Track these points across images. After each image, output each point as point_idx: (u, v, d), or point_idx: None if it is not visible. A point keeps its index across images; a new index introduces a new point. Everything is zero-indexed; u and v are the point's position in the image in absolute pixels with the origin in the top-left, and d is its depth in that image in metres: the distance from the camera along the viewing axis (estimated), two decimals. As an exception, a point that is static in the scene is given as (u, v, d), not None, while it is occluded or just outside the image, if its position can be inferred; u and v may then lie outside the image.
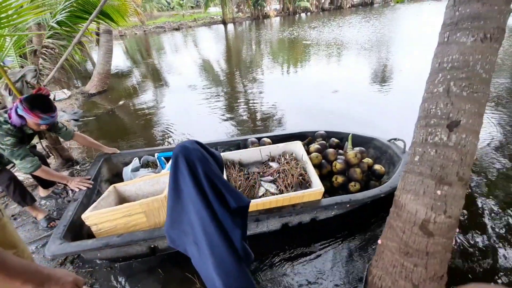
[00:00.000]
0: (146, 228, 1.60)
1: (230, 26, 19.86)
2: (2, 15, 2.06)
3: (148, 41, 15.76)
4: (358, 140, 2.50)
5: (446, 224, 1.19)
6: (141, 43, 15.37)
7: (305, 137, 2.56)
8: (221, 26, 20.18)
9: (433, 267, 1.24)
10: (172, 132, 3.82)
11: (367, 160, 2.23)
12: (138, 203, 1.53)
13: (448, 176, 1.15)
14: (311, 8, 26.02)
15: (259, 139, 2.52)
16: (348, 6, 28.07)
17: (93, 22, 2.58)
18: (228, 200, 1.07)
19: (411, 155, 1.29)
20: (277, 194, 1.70)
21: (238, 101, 4.97)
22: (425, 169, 1.20)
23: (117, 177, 2.38)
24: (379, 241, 1.41)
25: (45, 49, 2.49)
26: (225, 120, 4.12)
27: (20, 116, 1.62)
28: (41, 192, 2.48)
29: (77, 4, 2.57)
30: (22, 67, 2.55)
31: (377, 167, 2.15)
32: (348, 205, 1.80)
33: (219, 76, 6.89)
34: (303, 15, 23.74)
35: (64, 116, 4.53)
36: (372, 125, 3.54)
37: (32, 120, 1.63)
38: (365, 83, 5.29)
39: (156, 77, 7.37)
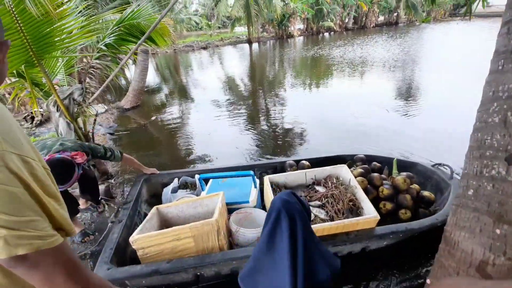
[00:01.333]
0: (194, 254, 1.56)
1: (255, 45, 20.48)
2: (56, 39, 2.26)
3: (177, 59, 16.55)
4: (400, 165, 2.38)
5: (506, 266, 1.07)
6: (171, 61, 16.16)
7: (344, 161, 2.48)
8: (246, 45, 20.87)
9: None
10: (196, 149, 3.91)
11: (415, 186, 2.11)
12: (188, 226, 1.51)
13: (508, 214, 1.04)
14: (334, 28, 26.35)
15: (297, 162, 2.48)
16: (372, 25, 28.16)
17: (134, 43, 2.75)
18: (317, 269, 1.03)
19: (464, 187, 1.19)
20: (328, 221, 1.63)
21: (261, 117, 5.01)
22: (481, 205, 1.10)
23: (155, 198, 2.40)
24: (428, 281, 1.29)
25: (92, 69, 2.66)
26: (248, 136, 4.16)
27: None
28: (80, 203, 2.57)
29: (124, 28, 2.77)
30: (70, 85, 2.73)
31: (426, 193, 2.03)
32: (401, 235, 1.69)
33: (242, 92, 7.04)
34: (326, 34, 24.08)
35: (100, 130, 4.78)
36: (400, 147, 3.40)
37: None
38: (391, 102, 5.16)
39: (184, 93, 7.67)
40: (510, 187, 1.04)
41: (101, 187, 2.93)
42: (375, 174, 2.16)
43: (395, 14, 29.80)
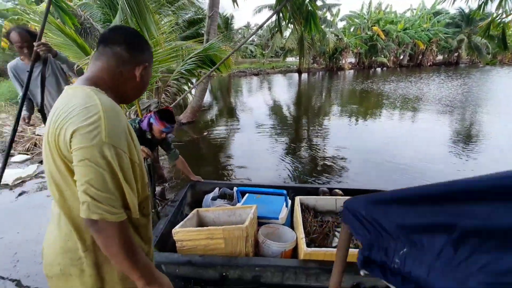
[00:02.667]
0: (223, 255, 1.74)
1: (304, 75, 21.05)
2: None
3: (230, 82, 17.81)
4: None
5: None
6: (224, 83, 17.43)
7: (380, 194, 2.47)
8: (296, 75, 21.56)
9: None
10: (238, 164, 4.19)
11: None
12: (222, 228, 1.69)
13: None
14: (388, 64, 25.85)
15: (330, 189, 2.54)
16: (429, 64, 26.95)
17: (206, 69, 3.21)
18: None
19: None
20: (353, 248, 1.67)
21: (302, 143, 5.13)
22: None
23: (197, 202, 2.66)
24: None
25: (168, 87, 3.15)
26: (287, 158, 4.28)
27: (149, 124, 2.09)
28: None
29: (201, 57, 3.27)
30: (148, 99, 3.25)
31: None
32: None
33: (286, 118, 7.28)
34: (378, 69, 23.69)
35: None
36: None
37: (157, 127, 2.06)
38: (446, 144, 4.86)
39: (232, 114, 8.22)
40: None
41: (158, 189, 3.31)
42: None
43: (456, 54, 28.20)
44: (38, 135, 5.37)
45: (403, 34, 24.79)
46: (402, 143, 5.03)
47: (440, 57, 30.66)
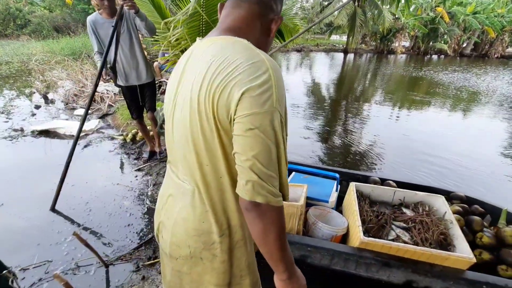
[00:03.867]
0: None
1: (350, 56, 19.74)
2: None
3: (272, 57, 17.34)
4: (510, 218, 2.05)
5: None
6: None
7: (437, 193, 2.27)
8: (341, 54, 20.32)
9: None
10: None
11: (526, 246, 1.80)
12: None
13: None
14: (447, 51, 23.23)
15: (382, 179, 2.39)
16: (496, 55, 23.69)
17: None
18: None
19: None
20: (411, 244, 1.56)
21: (336, 129, 4.88)
22: None
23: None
24: None
25: None
26: (319, 144, 4.12)
27: None
28: None
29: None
30: None
31: (540, 259, 1.71)
32: (496, 291, 1.49)
33: (324, 101, 6.92)
34: (435, 57, 21.37)
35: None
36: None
37: None
38: (497, 146, 4.32)
39: None
40: None
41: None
42: (476, 218, 1.92)
43: (532, 47, 24.34)
44: (96, 91, 5.80)
45: (471, 18, 21.69)
46: (454, 139, 4.56)
47: (510, 50, 26.76)
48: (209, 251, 0.74)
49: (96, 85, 1.97)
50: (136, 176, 3.05)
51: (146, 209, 2.56)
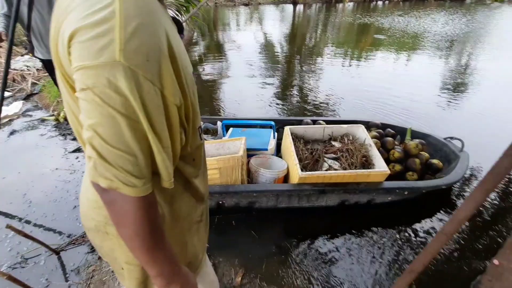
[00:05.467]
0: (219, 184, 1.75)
1: (299, 7, 19.25)
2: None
3: (216, 14, 15.84)
4: (413, 135, 2.48)
5: None
6: (209, 16, 15.37)
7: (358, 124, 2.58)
8: (290, 6, 19.59)
9: None
10: (226, 103, 4.06)
11: (424, 153, 2.22)
12: (216, 159, 1.67)
13: None
14: None
15: (314, 121, 2.58)
16: None
17: None
18: None
19: None
20: (341, 170, 1.77)
21: (293, 83, 5.00)
22: None
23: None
24: (496, 262, 1.37)
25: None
26: (277, 100, 4.21)
27: None
28: None
29: None
30: None
31: (435, 161, 2.15)
32: (406, 192, 1.84)
33: (278, 57, 6.88)
34: (380, 3, 22.19)
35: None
36: (428, 125, 3.42)
37: None
38: (433, 83, 4.99)
39: (218, 50, 7.46)
40: None
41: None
42: (389, 138, 2.26)
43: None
44: (14, 69, 4.65)
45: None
46: (396, 81, 5.04)
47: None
48: (113, 226, 0.59)
49: (8, 59, 1.45)
50: (77, 157, 2.71)
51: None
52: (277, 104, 4.10)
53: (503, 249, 1.38)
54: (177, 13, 2.87)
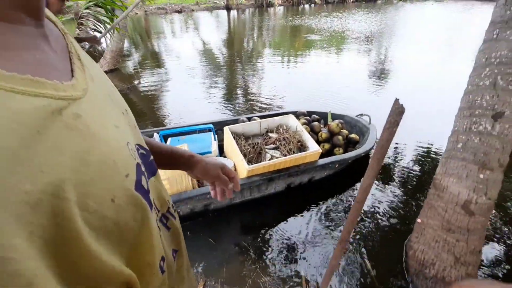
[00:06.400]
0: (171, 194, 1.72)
1: (234, 12, 18.98)
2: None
3: (148, 22, 14.34)
4: (333, 117, 2.87)
5: (486, 205, 1.30)
6: (140, 25, 13.81)
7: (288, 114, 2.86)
8: (224, 12, 19.12)
9: (473, 242, 1.37)
10: (171, 113, 3.91)
11: (344, 130, 2.61)
12: (162, 170, 1.64)
13: (491, 162, 1.25)
14: (316, 0, 25.89)
15: (249, 118, 2.74)
16: (351, 0, 28.01)
17: None
18: None
19: (453, 142, 1.39)
20: (282, 157, 1.96)
21: (237, 85, 5.05)
22: (469, 155, 1.30)
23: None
24: (419, 220, 1.54)
25: (81, 19, 2.44)
26: (224, 101, 4.24)
27: None
28: None
29: None
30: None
31: (353, 135, 2.54)
32: (337, 165, 2.15)
33: (219, 61, 6.77)
34: (306, 6, 23.49)
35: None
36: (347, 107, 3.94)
37: None
38: (359, 72, 5.62)
39: (156, 60, 6.97)
40: (494, 139, 1.24)
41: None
42: (315, 123, 2.58)
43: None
44: None
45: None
46: (330, 76, 5.48)
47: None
48: None
49: None
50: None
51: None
52: (224, 106, 4.13)
53: (422, 209, 1.56)
54: (98, 24, 2.64)
